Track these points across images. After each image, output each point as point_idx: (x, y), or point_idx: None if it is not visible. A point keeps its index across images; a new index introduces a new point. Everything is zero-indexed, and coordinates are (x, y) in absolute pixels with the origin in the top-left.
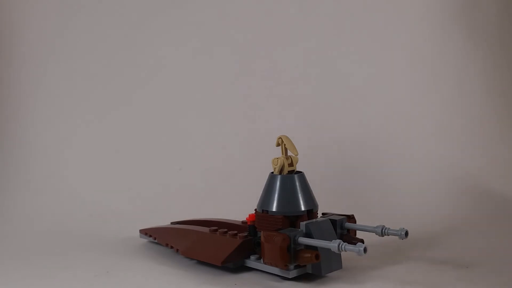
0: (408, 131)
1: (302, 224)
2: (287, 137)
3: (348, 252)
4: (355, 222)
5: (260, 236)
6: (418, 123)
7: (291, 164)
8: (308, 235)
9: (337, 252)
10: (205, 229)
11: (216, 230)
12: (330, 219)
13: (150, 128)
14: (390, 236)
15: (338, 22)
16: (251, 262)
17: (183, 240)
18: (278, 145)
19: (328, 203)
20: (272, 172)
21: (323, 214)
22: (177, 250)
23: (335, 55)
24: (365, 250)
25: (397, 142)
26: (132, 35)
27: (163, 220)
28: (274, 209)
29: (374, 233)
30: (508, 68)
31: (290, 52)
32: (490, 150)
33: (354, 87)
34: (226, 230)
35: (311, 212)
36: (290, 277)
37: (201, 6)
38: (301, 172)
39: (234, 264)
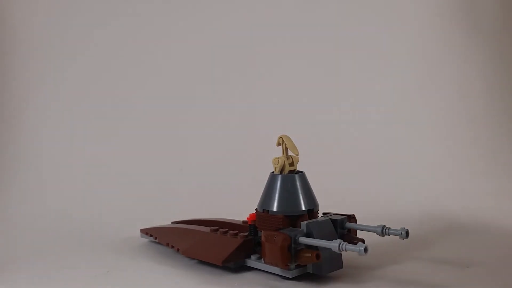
0: (408, 131)
1: (303, 223)
2: (287, 137)
3: (349, 252)
4: (355, 222)
5: (260, 236)
6: (418, 123)
7: (291, 164)
8: (309, 234)
9: (338, 252)
10: (206, 229)
11: (216, 230)
12: (330, 219)
13: (150, 128)
14: (391, 236)
15: (338, 24)
16: (252, 261)
17: (184, 240)
18: (278, 144)
19: (329, 203)
20: (273, 172)
21: (323, 213)
22: (178, 250)
23: (337, 55)
24: (366, 250)
25: (397, 142)
26: (132, 35)
27: (164, 220)
28: (274, 208)
29: (374, 233)
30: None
31: (291, 51)
32: (491, 150)
33: (354, 88)
34: (226, 229)
35: (311, 211)
36: (290, 276)
37: (201, 5)
38: (301, 171)
39: (234, 263)
